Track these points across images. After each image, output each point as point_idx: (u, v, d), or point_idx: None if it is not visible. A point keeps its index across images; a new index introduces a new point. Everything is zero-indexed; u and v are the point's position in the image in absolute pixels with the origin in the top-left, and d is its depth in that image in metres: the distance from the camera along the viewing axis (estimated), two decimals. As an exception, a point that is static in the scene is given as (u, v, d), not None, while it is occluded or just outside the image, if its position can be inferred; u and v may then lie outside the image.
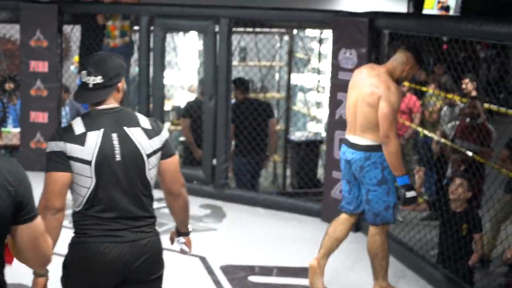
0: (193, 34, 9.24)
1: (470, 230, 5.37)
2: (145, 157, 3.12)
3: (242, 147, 7.63)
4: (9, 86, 8.98)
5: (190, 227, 3.55)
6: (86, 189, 3.05)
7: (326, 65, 9.40)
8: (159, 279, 3.28)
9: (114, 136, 3.09)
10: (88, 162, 3.03)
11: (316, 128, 9.28)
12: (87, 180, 3.04)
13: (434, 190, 7.65)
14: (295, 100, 9.86)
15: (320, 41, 9.42)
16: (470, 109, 7.19)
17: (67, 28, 8.52)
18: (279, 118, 9.20)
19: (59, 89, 8.25)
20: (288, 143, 9.26)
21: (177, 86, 9.02)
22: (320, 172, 8.50)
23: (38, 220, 2.48)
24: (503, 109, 7.17)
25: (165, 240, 3.35)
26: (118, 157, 3.07)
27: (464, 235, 5.38)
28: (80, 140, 3.04)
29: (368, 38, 6.36)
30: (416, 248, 5.80)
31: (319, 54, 9.43)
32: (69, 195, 3.09)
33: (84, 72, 3.15)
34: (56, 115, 8.17)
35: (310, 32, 9.55)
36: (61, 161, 3.03)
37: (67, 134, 3.07)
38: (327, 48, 8.84)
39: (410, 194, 4.76)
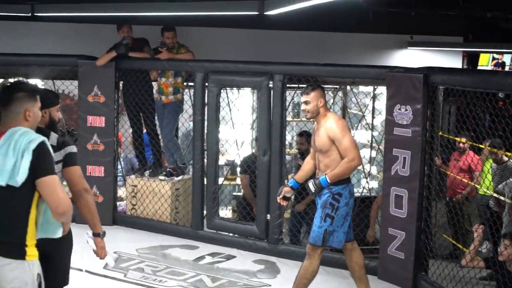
0: (247, 90, 9.31)
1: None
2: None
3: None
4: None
5: (103, 229, 4.28)
6: None
7: (380, 121, 9.36)
8: None
9: None
10: None
11: (371, 185, 9.17)
12: None
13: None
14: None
15: (374, 97, 9.39)
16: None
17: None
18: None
19: (115, 143, 8.37)
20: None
21: (231, 141, 9.06)
22: (376, 229, 8.37)
23: None
24: None
25: None
26: None
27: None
28: None
29: (423, 94, 6.31)
30: (475, 308, 5.64)
31: (373, 110, 9.39)
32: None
33: None
34: (112, 169, 8.26)
35: (363, 88, 9.54)
36: None
37: None
38: (381, 103, 8.81)
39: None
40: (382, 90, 8.81)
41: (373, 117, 9.45)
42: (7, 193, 3.44)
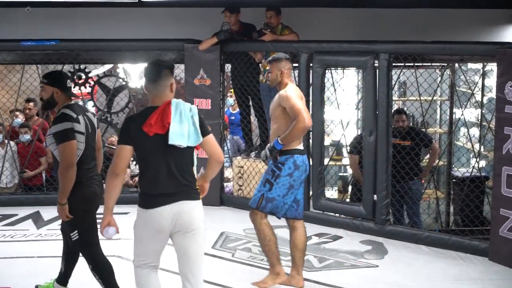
0: (352, 70, 9.23)
1: None
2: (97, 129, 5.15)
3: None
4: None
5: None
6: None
7: (490, 99, 9.09)
8: None
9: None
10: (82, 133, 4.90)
11: (481, 164, 8.94)
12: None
13: None
14: (458, 135, 9.58)
15: (484, 74, 9.13)
16: None
17: (228, 67, 8.76)
18: (441, 154, 8.97)
19: (221, 125, 8.48)
20: (452, 179, 8.99)
21: (336, 121, 9.02)
22: (486, 209, 8.17)
23: None
24: None
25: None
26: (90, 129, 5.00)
27: None
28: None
29: (536, 70, 6.08)
30: None
31: (483, 87, 9.13)
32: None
33: None
34: (219, 151, 8.37)
35: (472, 65, 9.28)
36: None
37: None
38: (491, 81, 8.55)
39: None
40: (492, 67, 8.55)
41: (482, 95, 9.19)
42: (185, 151, 4.25)
